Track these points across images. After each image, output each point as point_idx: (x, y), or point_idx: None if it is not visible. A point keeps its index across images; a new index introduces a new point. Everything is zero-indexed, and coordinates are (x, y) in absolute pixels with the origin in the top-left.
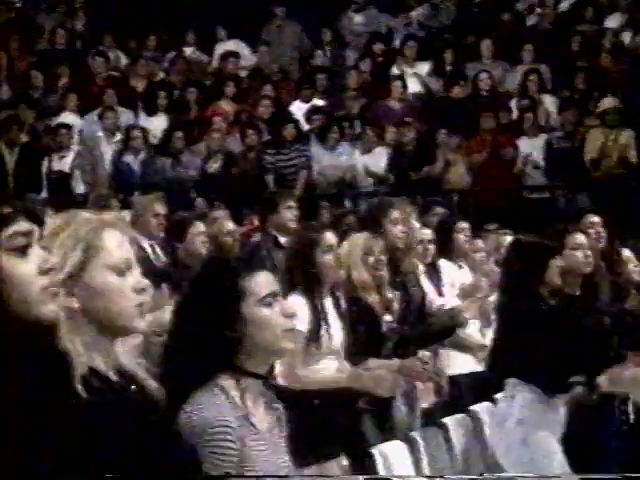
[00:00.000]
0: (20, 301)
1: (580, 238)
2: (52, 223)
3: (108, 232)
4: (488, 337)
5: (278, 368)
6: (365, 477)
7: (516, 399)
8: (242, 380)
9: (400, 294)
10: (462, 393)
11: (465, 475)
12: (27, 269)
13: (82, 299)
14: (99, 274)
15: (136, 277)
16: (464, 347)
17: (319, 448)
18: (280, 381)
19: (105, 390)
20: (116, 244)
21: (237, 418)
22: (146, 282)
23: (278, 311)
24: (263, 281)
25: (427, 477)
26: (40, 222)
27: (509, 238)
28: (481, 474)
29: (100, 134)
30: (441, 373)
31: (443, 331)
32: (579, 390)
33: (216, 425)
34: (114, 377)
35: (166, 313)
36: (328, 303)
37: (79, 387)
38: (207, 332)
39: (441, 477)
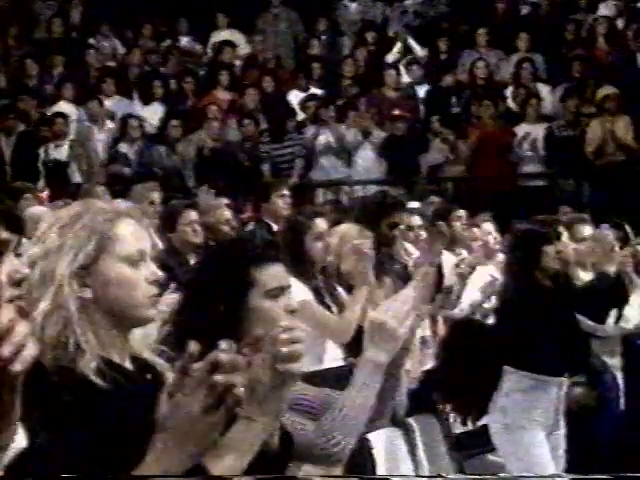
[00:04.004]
0: None
1: (587, 229)
2: (67, 213)
3: (123, 222)
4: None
5: None
6: (363, 477)
7: (503, 386)
8: None
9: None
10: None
11: (464, 475)
12: None
13: (95, 290)
14: (113, 265)
15: (150, 268)
16: None
17: None
18: None
19: (119, 379)
20: (130, 235)
21: None
22: (160, 274)
23: (281, 306)
24: (275, 273)
25: (427, 477)
26: (20, 231)
27: (487, 225)
28: (480, 474)
29: (89, 123)
30: None
31: None
32: (579, 390)
33: None
34: (129, 366)
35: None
36: (321, 287)
37: (94, 378)
38: (209, 317)
39: (441, 477)
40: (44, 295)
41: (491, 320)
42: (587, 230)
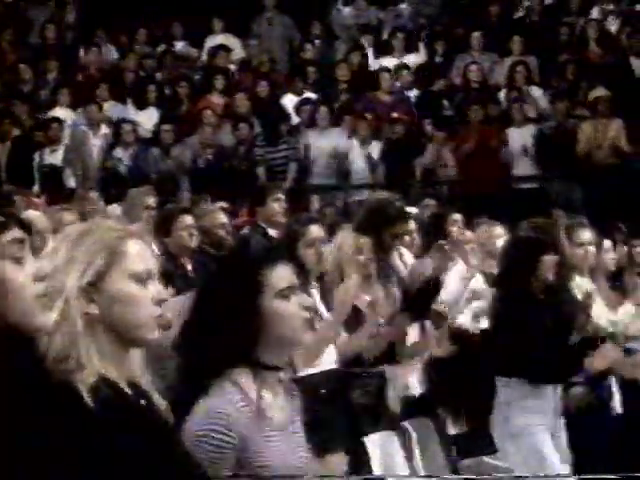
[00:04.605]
0: (15, 309)
1: (585, 234)
2: (78, 229)
3: (132, 241)
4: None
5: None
6: (361, 477)
7: (501, 397)
8: (259, 373)
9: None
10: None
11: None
12: (23, 277)
13: (101, 306)
14: (120, 282)
15: (156, 288)
16: None
17: (319, 440)
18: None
19: (115, 400)
20: (139, 253)
21: (245, 412)
22: (166, 293)
23: (295, 303)
24: (283, 274)
25: (424, 477)
26: (29, 231)
27: (498, 228)
28: (481, 474)
29: (85, 128)
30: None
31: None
32: (578, 390)
33: (213, 416)
34: (126, 388)
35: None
36: (315, 294)
37: (86, 396)
38: (224, 325)
39: (439, 477)
40: (52, 309)
41: (483, 325)
42: (586, 235)
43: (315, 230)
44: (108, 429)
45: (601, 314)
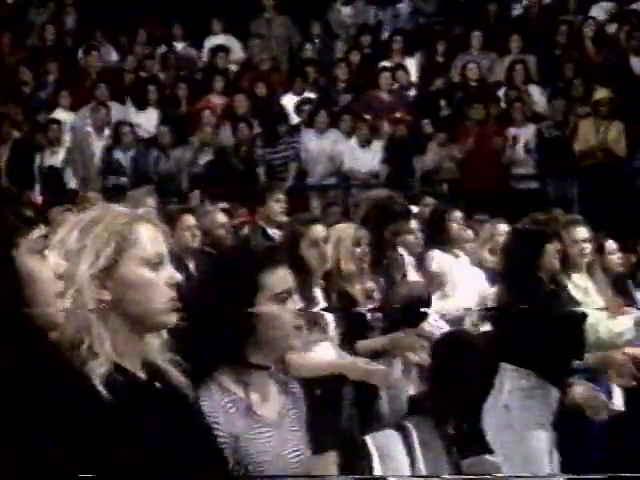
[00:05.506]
0: (38, 304)
1: (582, 231)
2: (86, 217)
3: (142, 226)
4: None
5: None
6: (360, 477)
7: (505, 384)
8: (245, 374)
9: (383, 282)
10: None
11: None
12: (47, 272)
13: (114, 292)
14: (132, 267)
15: (169, 271)
16: None
17: (317, 439)
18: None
19: (130, 387)
20: (150, 238)
21: (234, 413)
22: (179, 276)
23: (290, 308)
24: (281, 277)
25: (423, 477)
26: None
27: (502, 226)
28: (481, 474)
29: (89, 129)
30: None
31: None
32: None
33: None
34: (141, 374)
35: None
36: (318, 292)
37: (100, 387)
38: (218, 323)
39: (439, 477)
40: (65, 296)
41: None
42: (582, 232)
43: (317, 230)
44: (122, 416)
45: (600, 319)
